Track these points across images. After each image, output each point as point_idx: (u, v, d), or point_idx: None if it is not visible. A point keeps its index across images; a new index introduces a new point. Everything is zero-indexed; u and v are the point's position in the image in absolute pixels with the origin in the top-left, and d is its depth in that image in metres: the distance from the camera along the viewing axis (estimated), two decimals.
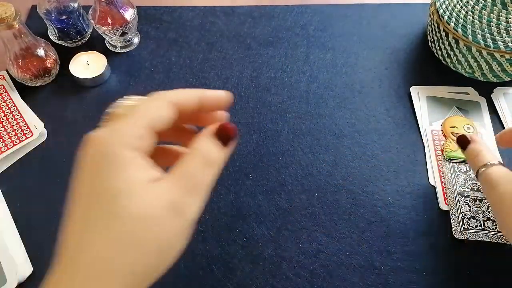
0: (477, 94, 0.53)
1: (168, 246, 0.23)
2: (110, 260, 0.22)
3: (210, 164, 0.25)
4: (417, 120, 0.51)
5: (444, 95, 0.53)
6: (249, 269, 0.42)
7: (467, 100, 0.53)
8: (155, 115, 0.25)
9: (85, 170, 0.24)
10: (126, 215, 0.22)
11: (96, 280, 0.21)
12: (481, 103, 0.53)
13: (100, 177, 0.23)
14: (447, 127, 0.49)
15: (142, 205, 0.22)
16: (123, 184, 0.22)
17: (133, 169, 0.23)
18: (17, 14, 0.46)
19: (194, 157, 0.25)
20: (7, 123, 0.50)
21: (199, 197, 0.24)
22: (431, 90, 0.54)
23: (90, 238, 0.22)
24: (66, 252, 0.23)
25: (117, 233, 0.22)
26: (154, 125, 0.24)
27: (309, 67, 0.57)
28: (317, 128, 0.51)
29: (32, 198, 0.46)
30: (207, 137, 0.26)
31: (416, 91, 0.54)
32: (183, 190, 0.23)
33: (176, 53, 0.58)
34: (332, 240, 0.43)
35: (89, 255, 0.22)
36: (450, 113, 0.51)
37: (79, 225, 0.23)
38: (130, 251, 0.22)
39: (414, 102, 0.53)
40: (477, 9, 0.49)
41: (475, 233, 0.42)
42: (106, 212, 0.22)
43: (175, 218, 0.23)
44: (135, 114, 0.25)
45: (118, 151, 0.23)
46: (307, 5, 0.63)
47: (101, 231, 0.22)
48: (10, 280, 0.38)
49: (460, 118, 0.51)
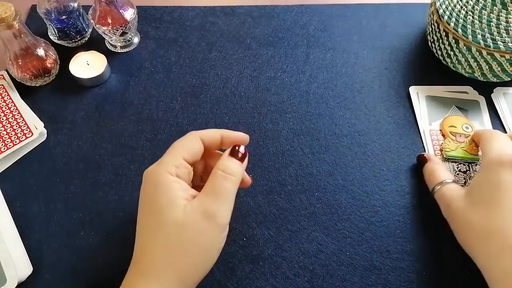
0: (477, 93, 0.53)
1: (206, 246, 0.31)
2: (163, 258, 0.30)
3: (229, 176, 0.33)
4: (417, 120, 0.51)
5: (443, 94, 0.53)
6: (249, 269, 0.42)
7: (466, 99, 0.53)
8: (188, 148, 0.34)
9: (143, 196, 0.33)
10: (171, 223, 0.30)
11: (154, 276, 0.29)
12: (480, 102, 0.53)
13: (152, 198, 0.32)
14: (445, 127, 0.49)
15: (181, 214, 0.30)
16: (167, 201, 0.31)
17: (174, 190, 0.31)
18: (17, 14, 0.46)
19: (216, 173, 0.33)
20: (7, 123, 0.50)
21: (226, 203, 0.32)
22: (430, 90, 0.54)
23: (147, 243, 0.31)
24: (134, 256, 0.32)
25: (165, 237, 0.30)
26: (188, 156, 0.33)
27: (309, 67, 0.57)
28: (317, 128, 0.51)
29: (32, 198, 0.46)
30: (224, 156, 0.34)
31: (415, 91, 0.54)
32: (211, 199, 0.31)
33: (176, 53, 0.58)
34: (332, 240, 0.43)
35: (147, 256, 0.30)
36: (449, 112, 0.51)
37: (141, 235, 0.32)
38: (176, 251, 0.30)
39: (413, 102, 0.53)
40: (477, 9, 0.49)
41: None
42: (157, 222, 0.31)
43: (209, 222, 0.30)
44: (175, 149, 0.34)
45: (162, 179, 0.32)
46: (307, 5, 0.63)
47: (154, 236, 0.30)
48: (10, 280, 0.38)
49: (458, 117, 0.50)
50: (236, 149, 0.35)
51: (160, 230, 0.30)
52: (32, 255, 0.42)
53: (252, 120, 0.52)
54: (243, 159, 0.35)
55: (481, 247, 0.36)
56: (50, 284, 0.41)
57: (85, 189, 0.47)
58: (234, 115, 0.52)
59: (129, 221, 0.45)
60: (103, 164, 0.48)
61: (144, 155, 0.49)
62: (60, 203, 0.46)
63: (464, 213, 0.38)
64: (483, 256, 0.36)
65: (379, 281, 0.41)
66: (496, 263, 0.34)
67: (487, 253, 0.35)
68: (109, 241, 0.43)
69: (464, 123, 0.49)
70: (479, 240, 0.36)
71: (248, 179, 0.39)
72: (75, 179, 0.47)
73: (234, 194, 0.33)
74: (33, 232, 0.44)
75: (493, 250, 0.35)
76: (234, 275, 0.41)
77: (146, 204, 0.32)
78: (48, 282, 0.41)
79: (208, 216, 0.31)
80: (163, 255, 0.30)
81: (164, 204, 0.31)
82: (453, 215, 0.40)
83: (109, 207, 0.45)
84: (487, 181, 0.37)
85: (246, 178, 0.39)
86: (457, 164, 0.47)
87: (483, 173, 0.39)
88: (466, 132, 0.49)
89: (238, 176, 0.33)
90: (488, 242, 0.35)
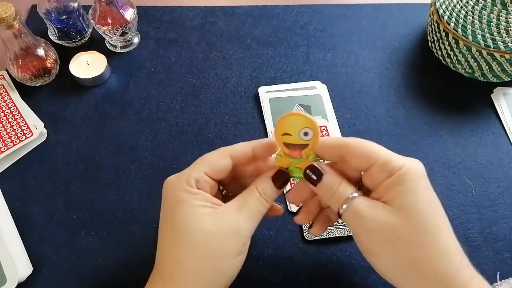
0: (325, 86, 0.54)
1: (230, 253, 0.31)
2: (188, 266, 0.30)
3: (264, 199, 0.32)
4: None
5: (287, 94, 0.52)
6: (249, 269, 0.42)
7: (311, 95, 0.52)
8: (213, 163, 0.33)
9: (164, 206, 0.33)
10: (195, 231, 0.30)
11: (177, 285, 0.30)
12: (322, 96, 0.52)
13: (173, 210, 0.32)
14: (278, 135, 0.33)
15: (210, 223, 0.30)
16: (187, 214, 0.31)
17: (193, 201, 0.31)
18: (17, 14, 0.46)
19: (253, 192, 0.33)
20: (7, 123, 0.50)
21: (253, 222, 0.32)
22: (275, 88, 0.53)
23: (170, 250, 0.31)
24: (157, 263, 0.32)
25: (189, 244, 0.30)
26: (211, 171, 0.33)
27: (309, 67, 0.57)
28: None
29: (32, 198, 0.46)
30: (266, 177, 0.33)
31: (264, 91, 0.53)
32: (241, 215, 0.31)
33: (176, 53, 0.58)
34: (332, 240, 0.43)
35: (171, 264, 0.31)
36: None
37: (163, 242, 0.32)
38: (202, 258, 0.30)
39: (262, 103, 0.52)
40: (477, 9, 0.49)
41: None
42: (176, 231, 0.31)
43: (235, 234, 0.31)
44: (199, 163, 0.33)
45: (181, 194, 0.31)
46: (307, 5, 0.63)
47: (176, 245, 0.31)
48: (10, 280, 0.38)
49: (297, 118, 0.32)
50: (280, 175, 0.33)
51: (183, 238, 0.30)
52: (32, 255, 0.42)
53: (252, 120, 0.52)
54: (283, 186, 0.33)
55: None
56: (50, 284, 0.41)
57: (85, 189, 0.47)
58: (234, 115, 0.52)
59: (129, 221, 0.45)
60: (103, 164, 0.48)
61: (144, 155, 0.49)
62: (60, 203, 0.46)
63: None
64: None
65: (379, 281, 0.41)
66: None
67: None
68: (109, 241, 0.43)
69: (304, 126, 0.32)
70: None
71: (279, 208, 0.37)
72: (75, 179, 0.47)
73: (262, 216, 0.33)
74: (33, 232, 0.44)
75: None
76: None
77: (168, 215, 0.32)
78: (48, 282, 0.41)
79: (235, 226, 0.31)
80: (188, 262, 0.30)
81: (187, 214, 0.31)
82: (370, 236, 0.30)
83: (109, 207, 0.45)
84: (423, 201, 0.29)
85: (277, 208, 0.37)
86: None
87: (410, 191, 0.29)
88: (304, 140, 0.33)
89: (271, 202, 0.33)
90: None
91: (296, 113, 0.32)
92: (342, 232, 0.43)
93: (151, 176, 0.47)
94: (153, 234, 0.34)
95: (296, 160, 0.33)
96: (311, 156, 0.33)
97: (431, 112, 0.53)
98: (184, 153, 0.49)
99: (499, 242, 0.44)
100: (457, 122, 0.52)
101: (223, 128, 0.51)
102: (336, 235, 0.43)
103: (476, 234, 0.44)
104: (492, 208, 0.46)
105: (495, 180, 0.48)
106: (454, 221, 0.45)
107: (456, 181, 0.47)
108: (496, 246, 0.43)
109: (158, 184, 0.33)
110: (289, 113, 0.32)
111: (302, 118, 0.32)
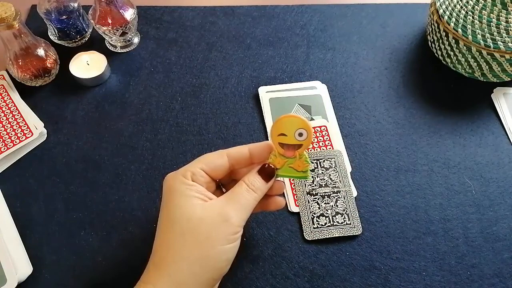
0: (325, 86, 0.54)
1: (219, 240, 0.32)
2: (176, 251, 0.32)
3: (251, 191, 0.35)
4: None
5: (287, 94, 0.52)
6: (249, 269, 0.42)
7: (310, 95, 0.52)
8: (208, 160, 0.36)
9: (163, 197, 0.35)
10: (186, 218, 0.32)
11: (165, 268, 0.32)
12: (322, 96, 0.52)
13: (168, 200, 0.34)
14: (274, 136, 0.36)
15: (199, 211, 0.33)
16: (181, 200, 0.33)
17: (186, 191, 0.33)
18: (17, 14, 0.46)
19: (241, 184, 0.35)
20: (7, 123, 0.50)
21: (243, 211, 0.34)
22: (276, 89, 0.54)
23: (162, 237, 0.33)
24: (152, 250, 0.34)
25: (179, 232, 0.32)
26: (206, 167, 0.35)
27: (309, 67, 0.57)
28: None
29: (32, 198, 0.46)
30: (253, 172, 0.36)
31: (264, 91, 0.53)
32: (229, 204, 0.34)
33: (176, 53, 0.58)
34: (331, 240, 0.43)
35: (161, 249, 0.33)
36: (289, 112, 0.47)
37: (158, 231, 0.34)
38: (189, 244, 0.31)
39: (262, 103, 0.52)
40: (477, 9, 0.49)
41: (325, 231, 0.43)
42: (168, 219, 0.33)
43: (223, 221, 0.32)
44: (196, 160, 0.36)
45: (176, 181, 0.34)
46: (307, 5, 0.63)
47: (168, 231, 0.33)
48: (10, 280, 0.38)
49: (294, 119, 0.35)
50: (265, 168, 0.36)
51: (173, 225, 0.33)
52: (32, 255, 0.42)
53: (252, 120, 0.52)
54: (269, 179, 0.36)
55: None
56: (50, 284, 0.41)
57: (85, 189, 0.47)
58: (234, 115, 0.52)
59: (129, 221, 0.45)
60: (103, 164, 0.48)
61: (144, 155, 0.49)
62: (60, 203, 0.46)
63: None
64: None
65: (379, 281, 0.41)
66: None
67: None
68: (109, 241, 0.43)
69: (300, 127, 0.35)
70: None
71: (280, 201, 0.39)
72: (75, 179, 0.47)
73: (252, 206, 0.35)
74: (33, 232, 0.44)
75: None
76: (234, 275, 0.41)
77: (164, 204, 0.34)
78: (48, 282, 0.41)
79: (223, 215, 0.33)
80: (176, 248, 0.32)
81: (179, 203, 0.33)
82: None
83: (109, 207, 0.45)
84: None
85: (278, 200, 0.39)
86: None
87: None
88: (298, 141, 0.35)
89: (259, 193, 0.35)
90: None
91: (292, 115, 0.35)
92: (342, 232, 0.43)
93: (151, 176, 0.47)
94: (153, 234, 0.34)
95: (290, 160, 0.36)
96: (304, 156, 0.36)
97: (431, 112, 0.53)
98: (184, 153, 0.49)
99: (499, 242, 0.44)
100: (457, 122, 0.52)
101: (223, 128, 0.51)
102: (336, 235, 0.43)
103: (476, 234, 0.44)
104: (492, 208, 0.46)
105: (495, 180, 0.48)
106: (454, 221, 0.45)
107: (456, 181, 0.48)
108: (496, 246, 0.43)
109: (158, 184, 0.33)
110: (286, 115, 0.35)
111: (298, 120, 0.35)
